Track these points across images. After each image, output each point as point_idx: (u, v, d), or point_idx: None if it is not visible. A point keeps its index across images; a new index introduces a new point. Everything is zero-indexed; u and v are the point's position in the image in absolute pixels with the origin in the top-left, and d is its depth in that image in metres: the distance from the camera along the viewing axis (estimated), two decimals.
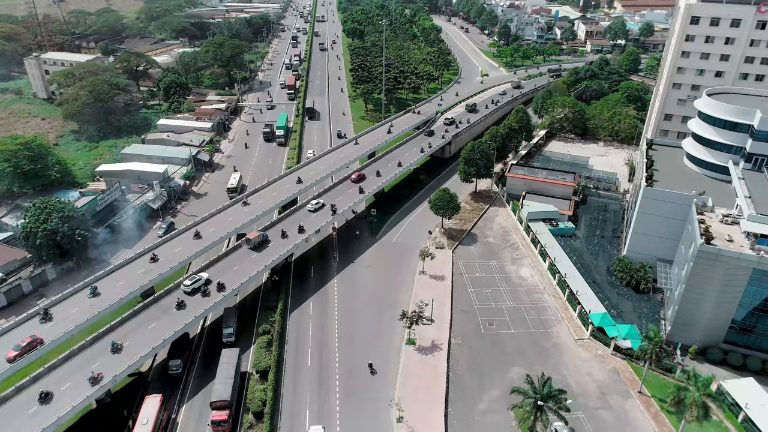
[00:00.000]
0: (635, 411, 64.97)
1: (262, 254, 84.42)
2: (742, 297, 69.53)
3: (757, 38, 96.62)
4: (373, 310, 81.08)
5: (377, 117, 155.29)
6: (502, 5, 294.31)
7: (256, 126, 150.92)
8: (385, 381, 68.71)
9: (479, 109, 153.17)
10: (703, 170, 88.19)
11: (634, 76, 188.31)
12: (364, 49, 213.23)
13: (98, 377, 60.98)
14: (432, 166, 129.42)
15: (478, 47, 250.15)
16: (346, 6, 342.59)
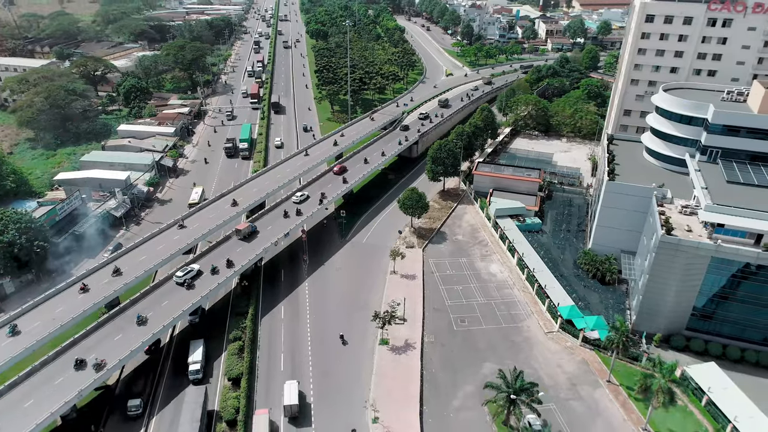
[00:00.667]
0: (605, 400, 66.53)
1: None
2: (702, 285, 72.03)
3: (708, 35, 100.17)
4: (346, 312, 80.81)
5: (344, 118, 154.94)
6: (465, 5, 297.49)
7: (217, 137, 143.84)
8: (359, 382, 68.57)
9: (452, 104, 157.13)
10: (662, 163, 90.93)
11: (594, 74, 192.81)
12: (328, 50, 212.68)
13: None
14: (400, 166, 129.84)
15: (442, 47, 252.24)
16: (309, 7, 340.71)
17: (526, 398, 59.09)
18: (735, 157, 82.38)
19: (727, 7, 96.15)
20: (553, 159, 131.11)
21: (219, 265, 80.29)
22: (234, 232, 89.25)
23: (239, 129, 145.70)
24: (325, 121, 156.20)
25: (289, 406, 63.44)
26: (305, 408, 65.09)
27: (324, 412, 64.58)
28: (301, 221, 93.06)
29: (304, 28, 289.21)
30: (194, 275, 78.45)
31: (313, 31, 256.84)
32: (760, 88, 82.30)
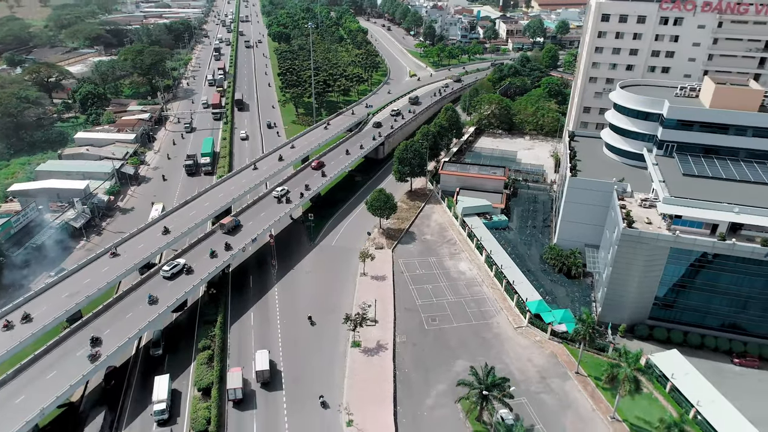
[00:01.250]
0: (574, 391, 67.94)
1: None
2: (663, 275, 74.35)
3: (661, 33, 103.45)
4: (317, 316, 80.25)
5: (309, 121, 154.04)
6: (426, 6, 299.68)
7: (177, 149, 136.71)
8: (332, 385, 68.20)
9: (422, 101, 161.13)
10: (621, 158, 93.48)
11: (554, 72, 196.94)
12: (291, 52, 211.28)
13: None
14: (366, 168, 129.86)
15: (405, 48, 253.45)
16: (270, 10, 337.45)
17: (498, 393, 59.85)
18: (690, 150, 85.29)
19: (677, 6, 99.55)
20: (517, 157, 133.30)
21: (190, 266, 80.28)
22: (218, 226, 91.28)
23: (200, 143, 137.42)
24: (290, 124, 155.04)
25: (261, 371, 67.95)
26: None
27: (296, 416, 64.01)
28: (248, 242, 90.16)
29: (265, 30, 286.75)
30: (180, 269, 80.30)
31: (275, 34, 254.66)
32: (710, 84, 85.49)
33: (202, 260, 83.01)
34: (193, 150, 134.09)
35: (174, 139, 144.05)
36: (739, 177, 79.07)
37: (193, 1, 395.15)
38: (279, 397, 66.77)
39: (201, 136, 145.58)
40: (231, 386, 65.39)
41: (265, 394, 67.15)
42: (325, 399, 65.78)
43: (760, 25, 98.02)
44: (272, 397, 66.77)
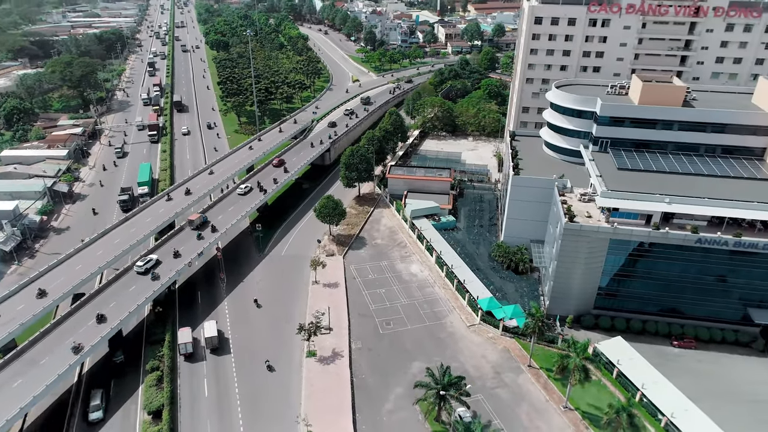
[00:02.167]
0: (527, 384, 69.67)
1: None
2: (605, 265, 77.50)
3: (590, 34, 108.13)
4: (270, 327, 78.84)
5: (252, 129, 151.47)
6: (365, 12, 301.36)
7: (110, 177, 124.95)
8: (289, 397, 67.10)
9: (374, 101, 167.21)
10: (560, 155, 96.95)
11: (493, 74, 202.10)
12: (230, 61, 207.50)
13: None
14: (313, 175, 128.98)
15: (347, 54, 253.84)
16: (206, 17, 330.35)
17: (454, 392, 60.56)
18: (622, 145, 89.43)
19: (604, 8, 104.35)
20: (462, 158, 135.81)
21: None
22: (187, 222, 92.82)
23: (136, 170, 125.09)
24: (233, 134, 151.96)
25: (210, 338, 73.76)
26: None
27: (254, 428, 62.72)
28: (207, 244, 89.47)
29: (202, 37, 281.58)
30: (154, 264, 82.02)
31: (213, 42, 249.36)
32: (638, 82, 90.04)
33: (142, 283, 79.60)
34: (127, 180, 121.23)
35: (104, 164, 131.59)
36: (669, 169, 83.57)
37: (125, 10, 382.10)
38: (235, 414, 65.02)
39: (136, 161, 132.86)
40: (182, 341, 72.76)
41: (218, 405, 65.26)
42: (270, 363, 71.87)
43: (680, 25, 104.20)
44: (227, 413, 64.95)
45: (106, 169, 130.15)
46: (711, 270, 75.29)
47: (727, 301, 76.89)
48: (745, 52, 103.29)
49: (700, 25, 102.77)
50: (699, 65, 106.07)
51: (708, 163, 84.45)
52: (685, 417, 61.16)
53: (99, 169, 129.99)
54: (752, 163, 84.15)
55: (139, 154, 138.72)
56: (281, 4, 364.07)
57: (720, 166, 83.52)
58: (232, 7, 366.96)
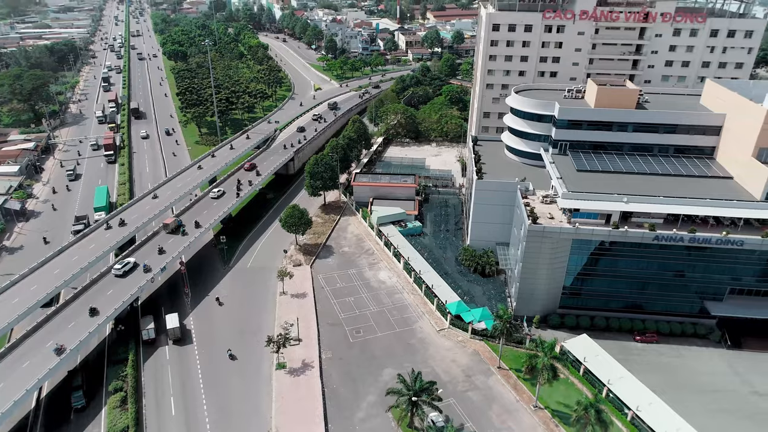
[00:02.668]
0: (498, 386, 70.40)
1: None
2: (568, 265, 79.26)
3: (546, 40, 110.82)
4: (237, 341, 77.41)
5: (213, 140, 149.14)
6: (325, 20, 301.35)
7: (63, 200, 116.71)
8: (260, 411, 65.92)
9: (341, 107, 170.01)
10: (522, 159, 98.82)
11: (454, 80, 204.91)
12: (189, 71, 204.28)
13: None
14: (278, 184, 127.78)
15: (308, 62, 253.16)
16: (163, 28, 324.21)
17: (426, 398, 60.66)
18: (581, 147, 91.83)
19: (558, 15, 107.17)
20: (426, 163, 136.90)
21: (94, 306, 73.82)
22: (162, 226, 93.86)
23: (91, 194, 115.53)
24: (194, 145, 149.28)
25: (173, 329, 76.32)
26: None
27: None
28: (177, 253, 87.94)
29: (159, 47, 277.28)
30: (131, 267, 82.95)
31: (170, 52, 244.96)
32: (593, 86, 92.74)
33: (104, 299, 77.42)
34: (82, 206, 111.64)
35: (54, 187, 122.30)
36: (626, 169, 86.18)
37: (77, 20, 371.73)
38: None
39: (91, 184, 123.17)
40: (144, 327, 76.39)
41: (186, 423, 63.55)
42: (232, 352, 74.57)
43: (631, 31, 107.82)
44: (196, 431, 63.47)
45: (56, 192, 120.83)
46: (669, 266, 77.84)
47: (684, 295, 79.65)
48: (692, 55, 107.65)
49: (649, 30, 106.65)
50: (650, 69, 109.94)
51: (662, 163, 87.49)
52: (649, 410, 62.88)
53: (55, 188, 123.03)
54: (703, 162, 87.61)
55: (94, 176, 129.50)
56: (240, 13, 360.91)
57: (673, 165, 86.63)
58: (189, 17, 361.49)
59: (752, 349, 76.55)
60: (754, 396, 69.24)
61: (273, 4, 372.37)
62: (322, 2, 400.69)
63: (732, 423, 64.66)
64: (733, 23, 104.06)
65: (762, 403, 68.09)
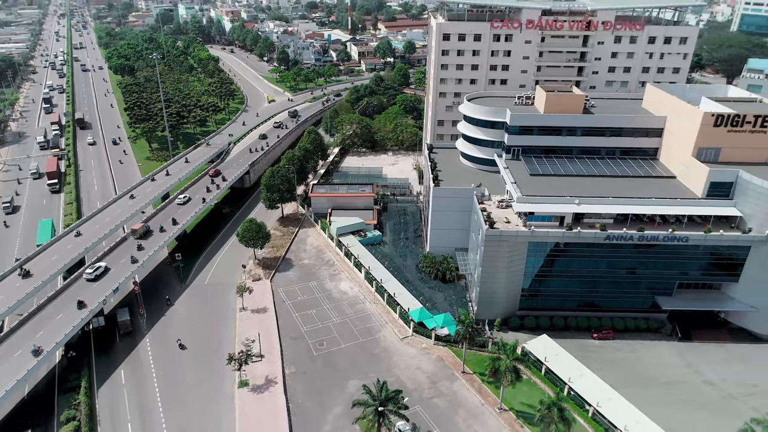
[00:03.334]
0: (462, 390, 70.93)
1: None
2: (526, 268, 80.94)
3: (495, 49, 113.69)
4: (197, 361, 75.25)
5: (165, 155, 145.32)
6: (277, 32, 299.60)
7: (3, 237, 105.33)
8: (222, 431, 64.24)
9: (301, 115, 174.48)
10: (477, 165, 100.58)
11: (407, 89, 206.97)
12: (137, 85, 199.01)
13: None
14: (234, 198, 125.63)
15: (261, 74, 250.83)
16: (107, 41, 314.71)
17: (393, 407, 60.38)
18: (533, 152, 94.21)
19: (506, 24, 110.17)
20: (383, 172, 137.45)
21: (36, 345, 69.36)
22: (131, 232, 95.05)
23: (34, 229, 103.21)
24: (144, 161, 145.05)
25: (123, 321, 79.98)
26: None
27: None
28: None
29: (103, 61, 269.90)
30: (103, 271, 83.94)
31: (116, 67, 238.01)
32: (542, 92, 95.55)
33: (52, 325, 73.73)
34: (23, 245, 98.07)
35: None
36: (576, 172, 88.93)
37: (15, 35, 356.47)
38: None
39: (33, 217, 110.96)
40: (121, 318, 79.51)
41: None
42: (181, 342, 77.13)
43: (575, 39, 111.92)
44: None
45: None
46: (621, 263, 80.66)
47: (637, 291, 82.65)
48: (632, 61, 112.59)
49: (592, 38, 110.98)
50: (594, 75, 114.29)
51: (610, 165, 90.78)
52: (609, 405, 64.69)
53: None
54: (647, 163, 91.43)
55: (36, 208, 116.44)
56: (189, 26, 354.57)
57: (620, 167, 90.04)
58: (135, 30, 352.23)
59: (701, 340, 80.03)
60: (706, 385, 72.31)
61: (222, 16, 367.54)
62: (272, 14, 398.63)
63: (687, 413, 67.25)
64: (668, 30, 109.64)
65: (713, 392, 71.16)
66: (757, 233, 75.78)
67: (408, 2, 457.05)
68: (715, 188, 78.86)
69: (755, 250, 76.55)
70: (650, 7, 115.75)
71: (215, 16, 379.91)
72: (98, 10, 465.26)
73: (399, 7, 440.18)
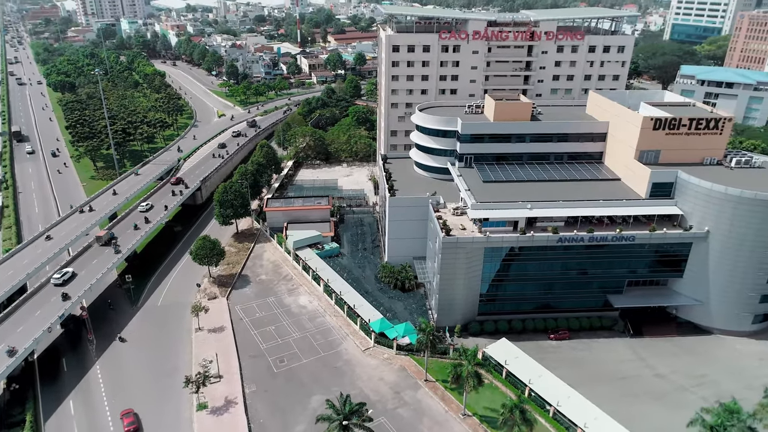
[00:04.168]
0: (426, 399, 71.03)
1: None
2: (483, 273, 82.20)
3: (444, 60, 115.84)
4: (152, 386, 72.42)
5: (111, 174, 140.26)
6: (225, 46, 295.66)
7: None
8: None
9: (260, 125, 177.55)
10: (431, 174, 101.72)
11: (359, 101, 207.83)
12: (79, 102, 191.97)
13: None
14: (185, 216, 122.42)
15: (209, 89, 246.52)
16: (45, 57, 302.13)
17: (357, 420, 59.80)
18: (485, 160, 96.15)
19: (453, 35, 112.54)
20: (338, 184, 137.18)
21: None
22: (95, 239, 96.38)
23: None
24: (89, 181, 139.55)
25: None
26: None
27: None
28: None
29: (41, 77, 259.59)
30: (70, 277, 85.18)
31: (56, 84, 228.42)
32: (491, 101, 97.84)
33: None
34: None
35: None
36: (527, 177, 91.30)
37: None
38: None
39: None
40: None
41: None
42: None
43: (520, 49, 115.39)
44: None
45: None
46: (573, 265, 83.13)
47: (589, 291, 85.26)
48: (575, 69, 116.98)
49: (536, 47, 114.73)
50: (540, 83, 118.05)
51: (558, 169, 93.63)
52: (568, 403, 66.20)
53: None
54: (594, 166, 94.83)
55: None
56: (133, 40, 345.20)
57: (568, 171, 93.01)
58: (75, 46, 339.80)
59: (652, 335, 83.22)
60: (658, 378, 75.09)
61: (168, 30, 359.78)
62: (219, 28, 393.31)
63: (641, 406, 69.58)
64: (607, 39, 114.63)
65: (665, 385, 73.95)
66: (697, 230, 79.68)
67: (357, 15, 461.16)
68: (657, 189, 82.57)
69: (696, 246, 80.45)
70: (589, 17, 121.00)
71: (160, 30, 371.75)
72: (34, 26, 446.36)
73: (348, 20, 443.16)
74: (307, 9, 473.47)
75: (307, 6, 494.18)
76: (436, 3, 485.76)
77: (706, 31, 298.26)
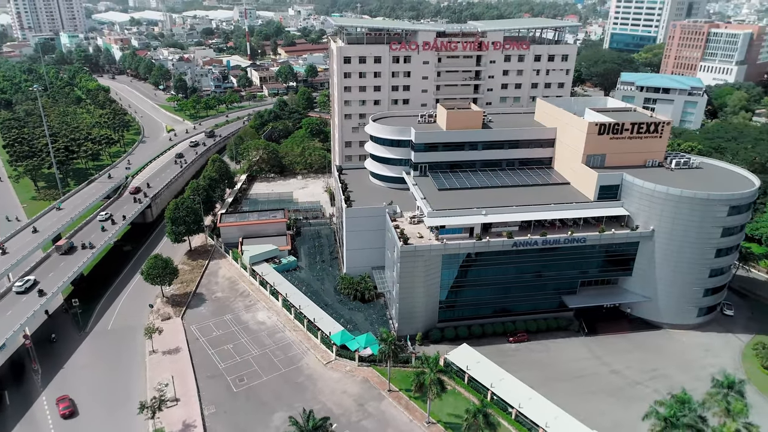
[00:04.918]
0: (390, 409, 70.71)
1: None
2: (441, 280, 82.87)
3: (396, 70, 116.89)
4: (103, 415, 69.14)
5: (54, 194, 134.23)
6: (172, 59, 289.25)
7: None
8: None
9: (218, 134, 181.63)
10: (386, 183, 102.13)
11: (312, 113, 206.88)
12: (17, 120, 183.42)
13: None
14: (135, 235, 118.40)
15: (157, 103, 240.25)
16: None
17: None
18: (439, 168, 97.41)
19: (403, 46, 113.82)
20: (294, 197, 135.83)
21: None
22: (54, 248, 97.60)
23: None
24: (30, 201, 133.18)
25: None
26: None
27: None
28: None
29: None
30: (32, 284, 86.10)
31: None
32: (443, 110, 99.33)
33: None
34: None
35: None
36: (480, 184, 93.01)
37: None
38: None
39: None
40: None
41: None
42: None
43: (469, 59, 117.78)
44: None
45: None
46: (528, 268, 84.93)
47: (545, 292, 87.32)
48: (522, 78, 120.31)
49: (484, 57, 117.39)
50: (489, 92, 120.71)
51: (511, 175, 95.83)
52: (529, 404, 67.31)
53: None
54: (544, 171, 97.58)
55: None
56: (74, 55, 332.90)
57: (520, 177, 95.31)
58: (11, 61, 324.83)
59: (605, 333, 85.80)
60: (613, 375, 77.40)
61: (111, 44, 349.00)
62: (166, 41, 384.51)
63: (599, 402, 71.54)
64: (551, 49, 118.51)
65: (620, 380, 76.28)
66: (643, 229, 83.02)
67: (306, 27, 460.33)
68: (605, 191, 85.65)
69: (643, 244, 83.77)
70: (533, 27, 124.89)
71: (103, 44, 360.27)
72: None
73: (298, 32, 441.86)
74: (256, 21, 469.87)
75: (256, 19, 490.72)
76: (386, 15, 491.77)
77: (643, 40, 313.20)
